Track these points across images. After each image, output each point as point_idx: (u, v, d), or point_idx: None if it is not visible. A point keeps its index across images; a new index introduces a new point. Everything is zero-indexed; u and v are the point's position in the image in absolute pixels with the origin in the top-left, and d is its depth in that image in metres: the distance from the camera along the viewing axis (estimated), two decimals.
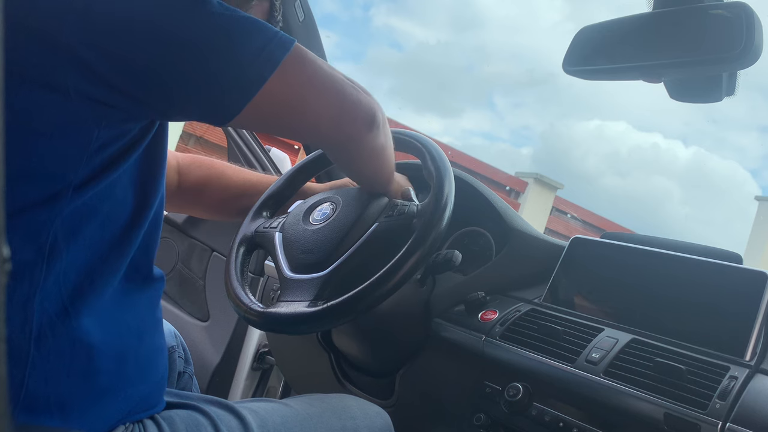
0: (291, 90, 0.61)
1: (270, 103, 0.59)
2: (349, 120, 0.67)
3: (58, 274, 0.57)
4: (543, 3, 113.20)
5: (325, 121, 0.65)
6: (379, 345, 1.08)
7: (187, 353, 1.07)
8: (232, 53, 0.56)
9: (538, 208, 6.32)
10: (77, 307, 0.59)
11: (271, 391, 1.61)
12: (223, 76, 0.57)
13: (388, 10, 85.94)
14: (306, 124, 0.65)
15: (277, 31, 0.60)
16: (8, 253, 0.22)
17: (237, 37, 0.56)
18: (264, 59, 0.58)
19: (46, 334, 0.57)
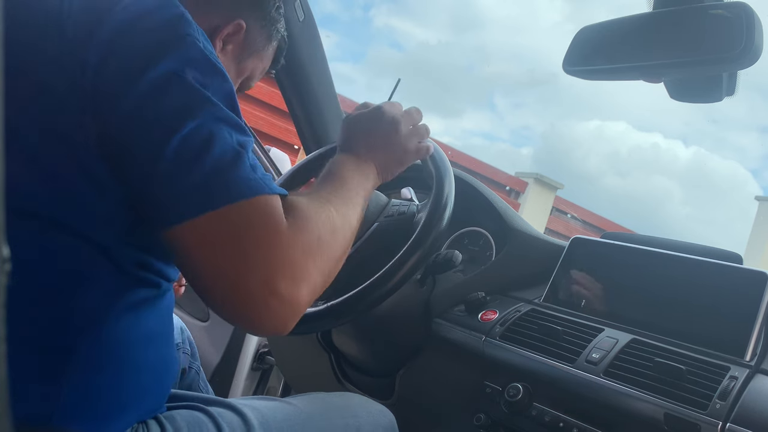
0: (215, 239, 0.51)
1: (177, 242, 0.52)
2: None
3: (100, 280, 0.57)
4: (543, 3, 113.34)
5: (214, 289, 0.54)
6: (379, 345, 1.08)
7: (193, 347, 1.06)
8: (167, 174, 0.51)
9: (538, 208, 6.31)
10: (111, 316, 0.58)
11: (271, 391, 1.61)
12: (160, 189, 0.51)
13: (388, 10, 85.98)
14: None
15: (260, 177, 0.53)
16: (8, 253, 0.22)
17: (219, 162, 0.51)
18: (201, 194, 0.50)
19: (83, 344, 0.56)
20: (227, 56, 0.77)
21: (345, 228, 0.64)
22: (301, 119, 1.41)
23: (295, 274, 0.53)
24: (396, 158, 0.80)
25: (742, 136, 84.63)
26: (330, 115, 1.42)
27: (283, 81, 1.36)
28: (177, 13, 0.57)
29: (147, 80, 0.52)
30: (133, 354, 0.61)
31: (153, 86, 0.52)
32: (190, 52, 0.55)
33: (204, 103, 0.53)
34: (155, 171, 0.51)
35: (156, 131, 0.51)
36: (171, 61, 0.53)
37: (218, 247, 0.50)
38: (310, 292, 0.55)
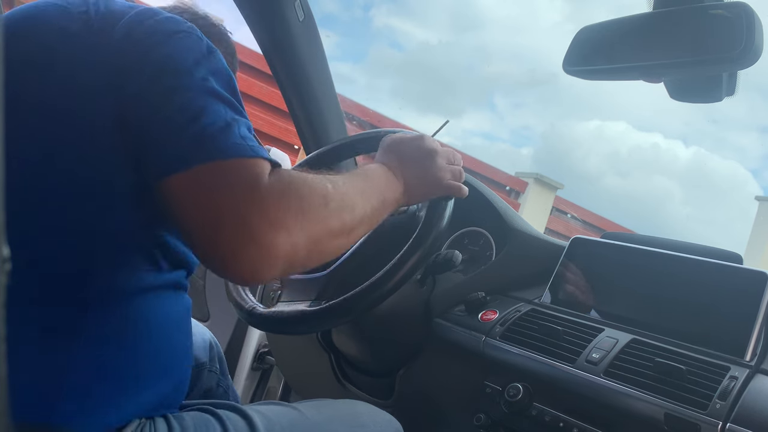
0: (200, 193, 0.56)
1: (174, 190, 0.56)
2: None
3: (108, 262, 0.61)
4: (543, 3, 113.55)
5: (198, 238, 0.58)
6: (379, 345, 1.08)
7: (223, 365, 1.06)
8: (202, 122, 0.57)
9: (538, 208, 6.29)
10: (118, 296, 0.61)
11: (271, 391, 1.61)
12: (161, 140, 0.57)
13: (388, 10, 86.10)
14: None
15: (250, 145, 0.58)
16: (8, 252, 0.22)
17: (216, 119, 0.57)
18: (191, 148, 0.56)
19: (90, 321, 0.59)
20: None
21: (342, 206, 0.64)
22: (301, 119, 1.41)
23: (271, 220, 0.55)
24: (426, 186, 0.82)
25: (742, 136, 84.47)
26: (330, 115, 1.42)
27: (283, 81, 1.36)
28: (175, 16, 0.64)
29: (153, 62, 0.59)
30: (144, 335, 0.63)
31: (159, 66, 0.58)
32: (191, 43, 0.61)
33: (203, 81, 0.59)
34: (153, 128, 0.57)
35: (158, 95, 0.57)
36: (172, 46, 0.60)
37: (203, 197, 0.55)
38: (289, 245, 0.56)
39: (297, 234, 0.57)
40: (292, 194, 0.57)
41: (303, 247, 0.58)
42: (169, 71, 0.59)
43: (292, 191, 0.58)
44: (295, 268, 0.60)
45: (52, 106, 0.59)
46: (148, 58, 0.59)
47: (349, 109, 3.87)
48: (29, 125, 0.58)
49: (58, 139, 0.59)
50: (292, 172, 0.61)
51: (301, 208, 0.58)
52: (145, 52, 0.59)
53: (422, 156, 0.82)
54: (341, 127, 1.46)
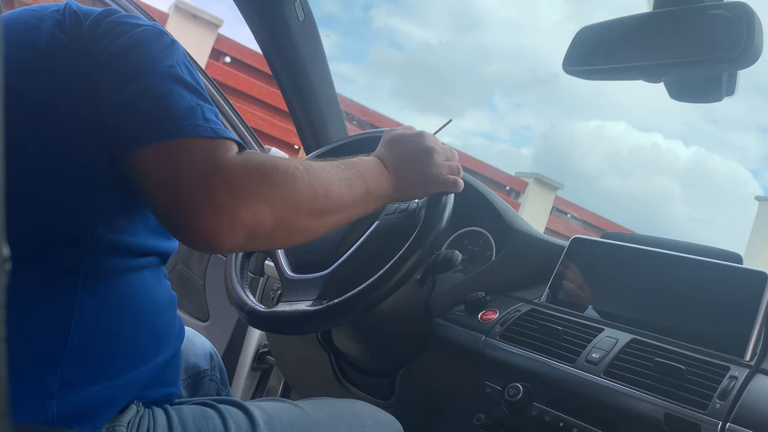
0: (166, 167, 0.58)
1: (137, 165, 0.59)
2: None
3: (108, 240, 0.64)
4: (543, 3, 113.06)
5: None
6: (379, 345, 1.08)
7: (223, 375, 1.07)
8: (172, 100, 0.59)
9: (538, 208, 6.30)
10: (115, 272, 0.65)
11: (271, 391, 1.61)
12: (130, 118, 0.59)
13: (388, 10, 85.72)
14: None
15: (212, 127, 0.60)
16: (8, 252, 0.22)
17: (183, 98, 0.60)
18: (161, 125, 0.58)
19: (90, 297, 0.62)
20: None
21: (314, 186, 0.65)
22: (301, 119, 1.41)
23: (232, 189, 0.57)
24: (422, 181, 0.83)
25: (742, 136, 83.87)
26: (330, 115, 1.42)
27: (283, 81, 1.36)
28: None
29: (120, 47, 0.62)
30: (130, 313, 0.66)
31: (125, 55, 0.62)
32: (154, 34, 0.65)
33: (169, 68, 0.62)
34: (119, 109, 0.60)
35: (124, 78, 0.60)
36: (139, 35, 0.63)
37: (166, 170, 0.57)
38: (250, 214, 0.58)
39: (258, 205, 0.58)
40: (253, 169, 0.59)
41: (265, 219, 0.59)
42: (135, 59, 0.62)
43: (255, 166, 0.59)
44: (260, 242, 0.61)
45: (32, 101, 0.62)
46: (114, 47, 0.62)
47: (349, 109, 3.87)
48: (10, 120, 0.60)
49: (39, 132, 0.61)
50: (258, 153, 0.63)
51: (263, 182, 0.59)
52: (110, 43, 0.62)
53: (420, 152, 0.83)
54: (341, 127, 1.46)
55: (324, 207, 0.67)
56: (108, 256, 0.64)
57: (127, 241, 0.66)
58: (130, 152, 0.58)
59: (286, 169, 0.62)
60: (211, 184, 0.56)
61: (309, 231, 0.67)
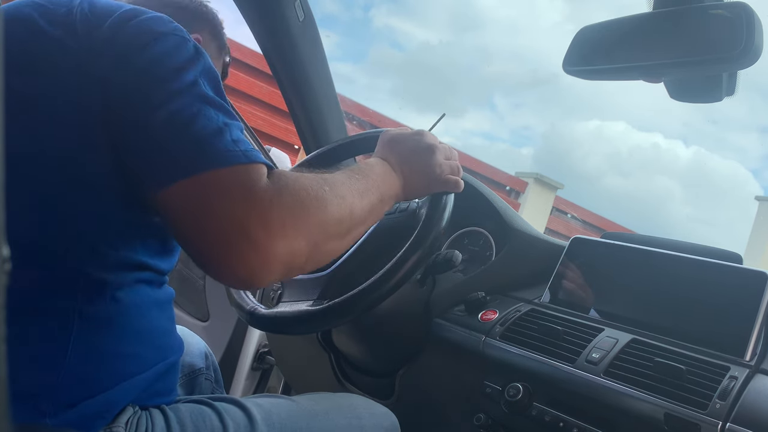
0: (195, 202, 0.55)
1: (164, 204, 0.56)
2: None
3: (103, 256, 0.62)
4: (543, 3, 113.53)
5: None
6: (379, 345, 1.08)
7: (217, 374, 1.06)
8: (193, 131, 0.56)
9: (538, 208, 6.29)
10: (114, 286, 0.63)
11: (270, 391, 1.61)
12: (152, 157, 0.56)
13: (388, 10, 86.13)
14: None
15: (242, 150, 0.57)
16: (8, 252, 0.22)
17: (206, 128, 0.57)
18: (185, 161, 0.55)
19: (89, 312, 0.60)
20: None
21: (341, 208, 0.63)
22: (301, 119, 1.41)
23: (269, 225, 0.54)
24: (425, 181, 0.82)
25: (742, 136, 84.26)
26: (330, 115, 1.42)
27: (283, 81, 1.35)
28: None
29: (144, 61, 0.58)
30: (131, 320, 0.65)
31: (145, 72, 0.58)
32: (177, 44, 0.61)
33: (193, 86, 0.58)
34: (142, 137, 0.57)
35: (147, 103, 0.57)
36: (160, 46, 0.59)
37: (199, 207, 0.54)
38: (288, 250, 0.56)
39: (295, 239, 0.56)
40: (289, 199, 0.57)
41: (301, 251, 0.57)
42: (156, 77, 0.58)
43: (290, 196, 0.57)
44: (294, 273, 0.60)
45: (34, 108, 0.58)
46: (133, 63, 0.58)
47: (349, 109, 3.87)
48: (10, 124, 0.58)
49: (39, 138, 0.59)
50: (289, 175, 0.60)
51: (299, 213, 0.57)
52: (129, 57, 0.58)
53: (422, 151, 0.82)
54: (341, 127, 1.46)
55: (349, 226, 0.66)
56: (105, 271, 0.62)
57: (125, 256, 0.64)
58: (156, 189, 0.55)
59: (316, 195, 0.60)
60: (246, 221, 0.53)
61: (335, 253, 0.66)
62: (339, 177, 0.68)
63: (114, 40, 0.59)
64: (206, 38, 0.89)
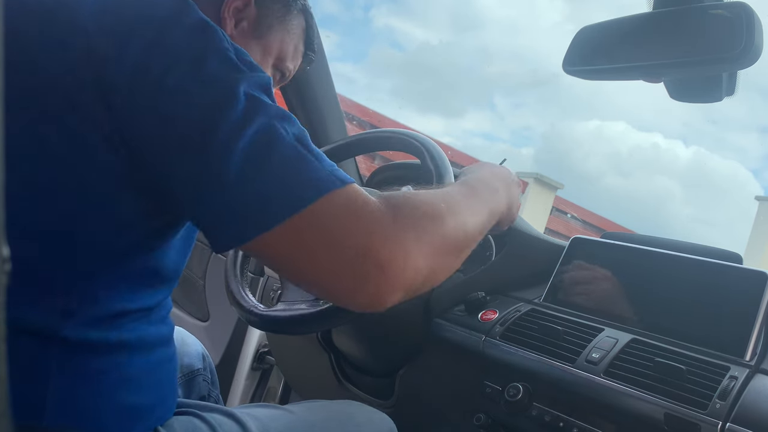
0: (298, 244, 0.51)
1: (267, 249, 0.52)
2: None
3: (92, 296, 0.57)
4: (543, 3, 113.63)
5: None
6: (379, 345, 1.08)
7: (213, 375, 1.06)
8: (237, 191, 0.50)
9: (538, 208, 6.30)
10: (107, 328, 0.58)
11: (271, 391, 1.61)
12: (227, 208, 0.51)
13: (388, 10, 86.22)
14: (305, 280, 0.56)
15: (320, 170, 0.52)
16: (8, 252, 0.22)
17: (274, 169, 0.50)
18: (280, 202, 0.50)
19: (73, 356, 0.55)
20: (245, 35, 0.73)
21: (456, 226, 0.61)
22: (301, 119, 1.40)
23: (392, 246, 0.52)
24: (513, 212, 0.82)
25: (742, 136, 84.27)
26: (330, 115, 1.42)
27: None
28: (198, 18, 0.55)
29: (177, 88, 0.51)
30: (131, 353, 0.61)
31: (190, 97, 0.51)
32: (220, 52, 0.53)
33: (258, 106, 0.52)
34: (216, 190, 0.50)
35: (205, 150, 0.50)
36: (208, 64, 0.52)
37: (307, 245, 0.51)
38: (412, 270, 0.54)
39: (418, 259, 0.54)
40: (406, 219, 0.54)
41: (422, 269, 0.55)
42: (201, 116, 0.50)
43: (406, 216, 0.55)
44: (415, 292, 0.58)
45: (33, 106, 0.53)
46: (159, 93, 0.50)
47: (349, 109, 3.87)
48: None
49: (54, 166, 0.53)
50: (397, 195, 0.57)
51: (420, 235, 0.55)
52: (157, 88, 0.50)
53: (511, 182, 0.82)
54: (341, 127, 1.46)
55: (464, 244, 0.63)
56: (107, 292, 0.57)
57: (106, 308, 0.58)
58: (245, 240, 0.51)
59: (433, 214, 0.57)
60: (369, 245, 0.50)
61: (450, 271, 0.63)
62: (453, 192, 0.65)
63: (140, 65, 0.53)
64: None
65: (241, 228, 0.51)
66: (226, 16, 0.70)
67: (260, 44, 0.75)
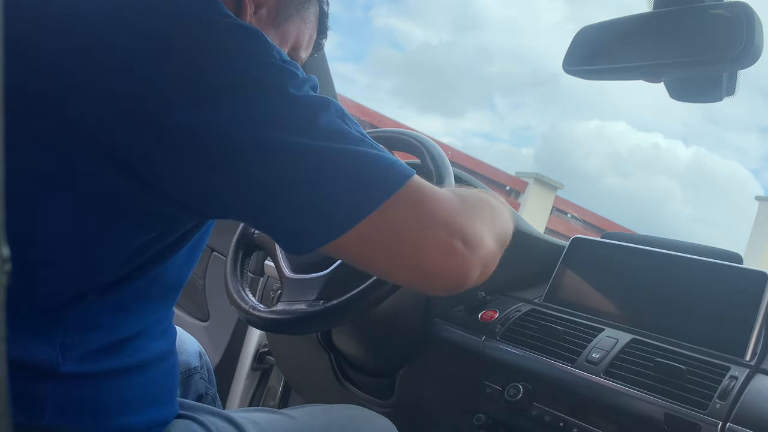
0: (370, 243, 0.52)
1: (352, 246, 0.52)
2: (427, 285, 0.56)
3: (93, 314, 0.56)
4: (543, 4, 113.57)
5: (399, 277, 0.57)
6: (379, 345, 1.08)
7: (210, 373, 1.05)
8: (323, 190, 0.49)
9: (538, 208, 6.30)
10: (110, 347, 0.57)
11: (271, 391, 1.61)
12: (306, 212, 0.50)
13: (388, 10, 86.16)
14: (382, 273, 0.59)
15: (391, 162, 0.52)
16: (8, 252, 0.22)
17: (338, 172, 0.50)
18: (360, 199, 0.50)
19: (70, 389, 0.55)
20: (262, 22, 0.71)
21: (504, 221, 0.66)
22: None
23: (470, 224, 0.55)
24: None
25: (742, 136, 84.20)
26: None
27: None
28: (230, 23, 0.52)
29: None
30: (133, 363, 0.60)
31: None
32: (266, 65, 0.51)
33: (318, 104, 0.51)
34: (288, 196, 0.49)
35: (269, 157, 0.49)
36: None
37: (380, 246, 0.52)
38: (487, 247, 0.57)
39: (488, 237, 0.57)
40: (465, 203, 0.57)
41: (492, 250, 0.58)
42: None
43: (472, 201, 0.59)
44: (485, 276, 0.59)
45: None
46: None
47: (349, 109, 3.86)
48: None
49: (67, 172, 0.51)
50: (446, 188, 0.61)
51: (484, 216, 0.59)
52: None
53: None
54: None
55: (505, 242, 0.66)
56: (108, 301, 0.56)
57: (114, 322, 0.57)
58: (317, 245, 0.51)
59: (490, 204, 0.63)
60: (451, 229, 0.52)
61: (496, 264, 0.64)
62: (479, 192, 0.68)
63: None
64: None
65: (324, 229, 0.51)
66: (246, 3, 0.68)
67: (278, 33, 0.73)
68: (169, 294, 0.65)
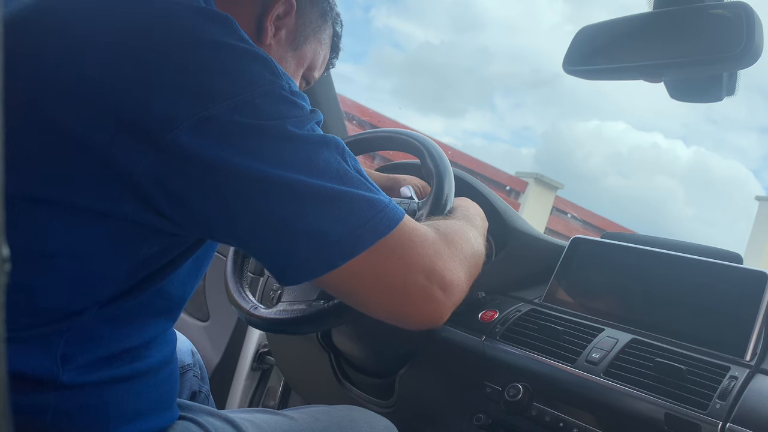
0: (360, 279, 0.55)
1: (336, 282, 0.55)
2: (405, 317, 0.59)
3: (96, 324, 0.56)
4: (543, 4, 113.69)
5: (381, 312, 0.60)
6: (379, 345, 1.08)
7: (203, 371, 1.05)
8: (314, 228, 0.51)
9: (538, 208, 6.31)
10: (111, 357, 0.58)
11: (270, 391, 1.61)
12: (297, 247, 0.51)
13: (388, 10, 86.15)
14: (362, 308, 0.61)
15: (383, 206, 0.55)
16: (8, 252, 0.22)
17: (333, 211, 0.52)
18: (350, 240, 0.52)
19: (71, 399, 0.55)
20: (281, 44, 0.73)
21: (477, 248, 0.72)
22: None
23: (451, 268, 0.59)
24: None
25: (742, 136, 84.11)
26: (330, 115, 1.41)
27: None
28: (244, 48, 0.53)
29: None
30: (137, 370, 0.61)
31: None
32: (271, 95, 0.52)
33: (318, 141, 0.53)
34: (281, 230, 0.51)
35: (268, 190, 0.50)
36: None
37: (372, 279, 0.55)
38: (462, 287, 0.62)
39: (462, 276, 0.62)
40: (455, 243, 0.63)
41: (465, 286, 0.63)
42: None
43: (454, 241, 0.63)
44: (457, 303, 0.63)
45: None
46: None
47: (349, 109, 3.87)
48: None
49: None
50: (434, 223, 0.65)
51: (465, 254, 0.64)
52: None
53: (479, 212, 0.89)
54: (341, 127, 1.46)
55: (480, 265, 0.73)
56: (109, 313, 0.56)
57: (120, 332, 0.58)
58: (306, 278, 0.53)
59: (468, 239, 0.67)
60: (432, 271, 0.57)
61: (474, 273, 0.71)
62: (464, 225, 0.74)
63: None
64: (302, 2, 0.74)
65: (312, 265, 0.52)
66: (268, 26, 0.70)
67: (295, 56, 0.76)
68: (173, 307, 0.65)
